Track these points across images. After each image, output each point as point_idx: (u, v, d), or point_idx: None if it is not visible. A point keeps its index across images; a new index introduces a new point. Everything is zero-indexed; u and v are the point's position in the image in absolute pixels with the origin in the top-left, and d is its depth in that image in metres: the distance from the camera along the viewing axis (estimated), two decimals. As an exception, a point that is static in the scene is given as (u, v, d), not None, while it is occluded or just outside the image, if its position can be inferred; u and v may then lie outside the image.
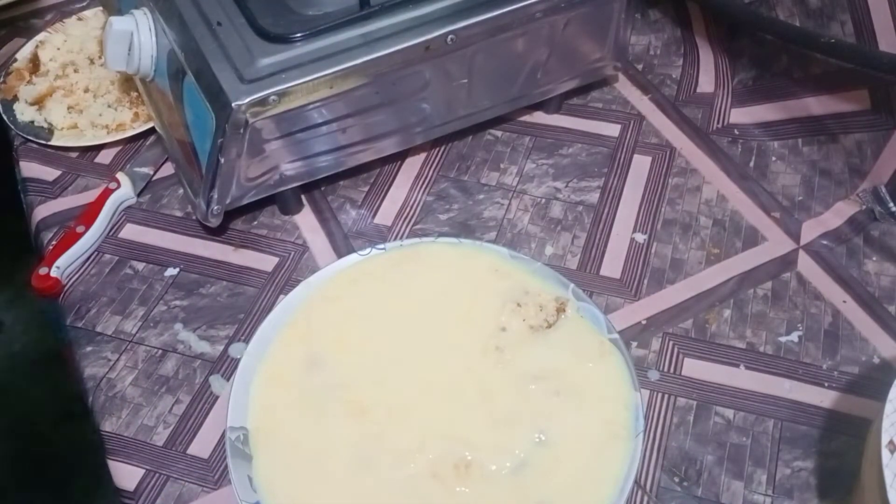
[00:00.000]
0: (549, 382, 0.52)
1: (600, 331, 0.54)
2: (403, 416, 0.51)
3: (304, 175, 0.65)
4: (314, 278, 0.57)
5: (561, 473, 0.48)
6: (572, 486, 0.47)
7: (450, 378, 0.52)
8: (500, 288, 0.56)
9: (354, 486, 0.48)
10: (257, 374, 0.53)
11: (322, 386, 0.52)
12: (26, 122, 0.75)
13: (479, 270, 0.58)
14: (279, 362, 0.54)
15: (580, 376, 0.52)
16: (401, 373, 0.53)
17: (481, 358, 0.53)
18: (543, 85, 0.72)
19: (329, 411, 0.51)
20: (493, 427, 0.50)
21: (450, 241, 0.60)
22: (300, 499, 0.48)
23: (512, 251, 0.59)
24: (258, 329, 0.54)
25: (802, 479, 0.53)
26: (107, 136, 0.74)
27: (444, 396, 0.51)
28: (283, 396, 0.52)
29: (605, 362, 0.53)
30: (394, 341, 0.55)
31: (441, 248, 0.59)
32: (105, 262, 0.67)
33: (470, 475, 0.48)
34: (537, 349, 0.53)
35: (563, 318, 0.55)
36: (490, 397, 0.51)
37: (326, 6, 0.63)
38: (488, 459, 0.48)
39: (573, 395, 0.51)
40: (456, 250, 0.59)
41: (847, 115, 0.68)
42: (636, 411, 0.50)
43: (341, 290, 0.57)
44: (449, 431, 0.50)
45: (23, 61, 0.80)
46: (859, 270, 0.64)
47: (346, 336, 0.55)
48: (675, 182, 0.71)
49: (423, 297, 0.57)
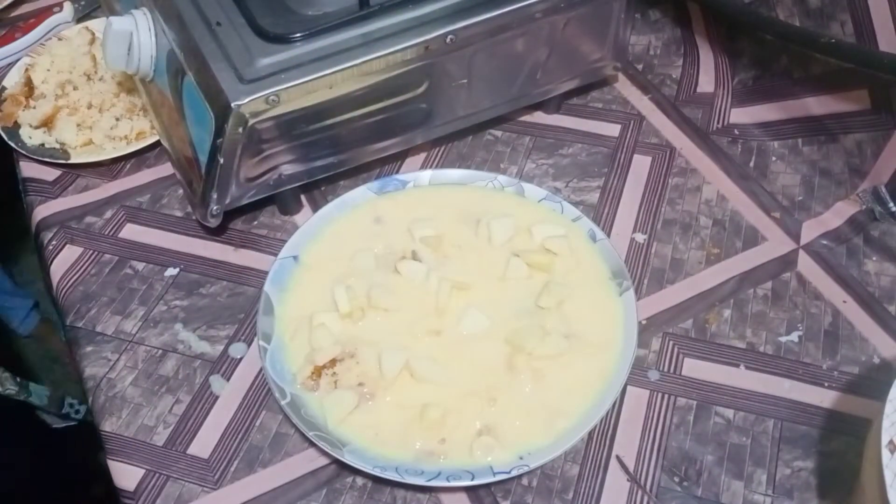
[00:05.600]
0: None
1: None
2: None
3: (304, 175, 0.65)
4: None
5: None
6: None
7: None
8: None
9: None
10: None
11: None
12: (36, 145, 0.74)
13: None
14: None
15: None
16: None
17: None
18: (543, 85, 0.72)
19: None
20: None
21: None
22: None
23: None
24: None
25: (802, 479, 0.53)
26: (128, 146, 0.73)
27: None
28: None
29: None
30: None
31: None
32: (105, 262, 0.67)
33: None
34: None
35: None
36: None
37: (326, 6, 0.63)
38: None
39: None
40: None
41: (847, 115, 0.68)
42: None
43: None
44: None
45: (15, 87, 0.79)
46: (859, 270, 0.64)
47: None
48: (675, 182, 0.71)
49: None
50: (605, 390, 0.54)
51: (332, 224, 0.64)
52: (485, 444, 0.52)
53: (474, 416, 0.53)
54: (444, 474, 0.50)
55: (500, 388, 0.54)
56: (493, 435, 0.52)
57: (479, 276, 0.60)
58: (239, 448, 0.56)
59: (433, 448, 0.52)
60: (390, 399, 0.54)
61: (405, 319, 0.58)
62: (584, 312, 0.58)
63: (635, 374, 0.59)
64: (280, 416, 0.57)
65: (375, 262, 0.61)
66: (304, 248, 0.62)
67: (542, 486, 0.54)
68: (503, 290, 0.60)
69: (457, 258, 0.61)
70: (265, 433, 0.56)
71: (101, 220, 0.70)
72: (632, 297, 0.58)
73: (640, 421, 0.56)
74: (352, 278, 0.59)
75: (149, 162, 0.74)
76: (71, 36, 0.84)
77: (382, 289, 0.59)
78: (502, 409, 0.53)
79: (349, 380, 0.55)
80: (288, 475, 0.54)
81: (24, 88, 0.79)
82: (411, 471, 0.50)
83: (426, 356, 0.55)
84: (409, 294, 0.59)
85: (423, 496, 0.53)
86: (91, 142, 0.74)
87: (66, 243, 0.68)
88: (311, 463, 0.55)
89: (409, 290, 0.59)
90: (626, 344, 0.56)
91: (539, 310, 0.58)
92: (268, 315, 0.58)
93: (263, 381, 0.58)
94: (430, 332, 0.57)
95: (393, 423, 0.53)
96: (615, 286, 0.59)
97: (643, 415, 0.57)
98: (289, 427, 0.56)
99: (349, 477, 0.54)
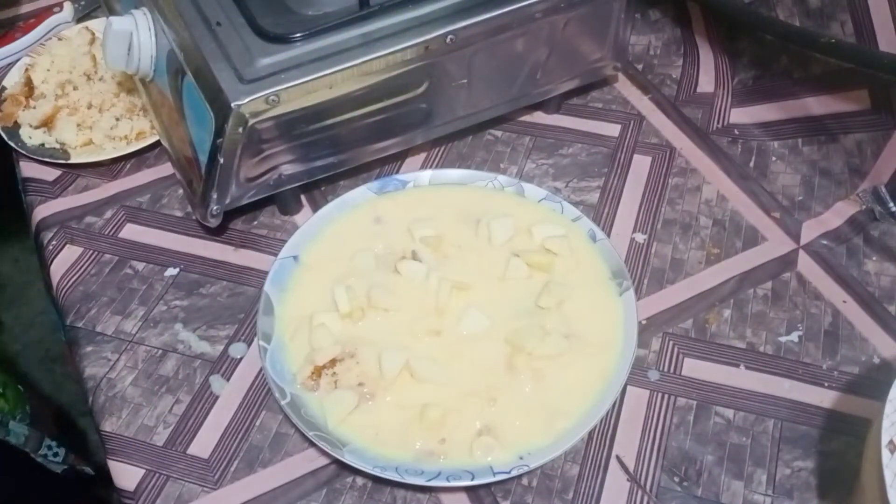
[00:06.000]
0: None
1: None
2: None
3: (304, 175, 0.65)
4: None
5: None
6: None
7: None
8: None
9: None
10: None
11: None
12: (36, 145, 0.74)
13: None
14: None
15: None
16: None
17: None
18: (543, 85, 0.72)
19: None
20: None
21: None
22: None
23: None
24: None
25: (802, 479, 0.53)
26: (128, 146, 0.73)
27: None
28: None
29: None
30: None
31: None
32: (105, 262, 0.67)
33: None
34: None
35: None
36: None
37: (326, 6, 0.63)
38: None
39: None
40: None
41: (847, 115, 0.68)
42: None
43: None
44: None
45: (15, 87, 0.79)
46: (859, 270, 0.64)
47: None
48: (675, 182, 0.71)
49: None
50: (605, 390, 0.54)
51: (332, 224, 0.64)
52: (485, 444, 0.52)
53: (474, 416, 0.53)
54: (444, 474, 0.50)
55: (500, 388, 0.54)
56: (493, 435, 0.52)
57: (479, 276, 0.60)
58: (239, 448, 0.56)
59: (433, 448, 0.52)
60: (390, 399, 0.54)
61: (405, 319, 0.58)
62: (584, 312, 0.58)
63: (635, 374, 0.59)
64: (280, 416, 0.57)
65: (375, 262, 0.61)
66: (304, 248, 0.62)
67: (542, 486, 0.54)
68: (503, 290, 0.60)
69: (457, 258, 0.61)
70: (265, 433, 0.56)
71: (101, 220, 0.70)
72: (632, 297, 0.58)
73: (640, 421, 0.56)
74: (352, 278, 0.60)
75: (149, 162, 0.74)
76: (71, 36, 0.84)
77: (382, 289, 0.59)
78: (502, 409, 0.53)
79: (349, 380, 0.55)
80: (288, 475, 0.54)
81: (24, 88, 0.79)
82: (411, 471, 0.50)
83: (426, 356, 0.55)
84: (409, 294, 0.59)
85: (423, 496, 0.53)
86: (91, 142, 0.74)
87: (66, 243, 0.68)
88: (311, 463, 0.55)
89: (409, 290, 0.59)
90: (626, 344, 0.56)
91: (539, 310, 0.58)
92: (268, 315, 0.58)
93: (263, 381, 0.59)
94: (430, 332, 0.57)
95: (393, 423, 0.53)
96: (615, 286, 0.59)
97: (643, 415, 0.57)
98: (289, 427, 0.56)
99: (349, 477, 0.54)
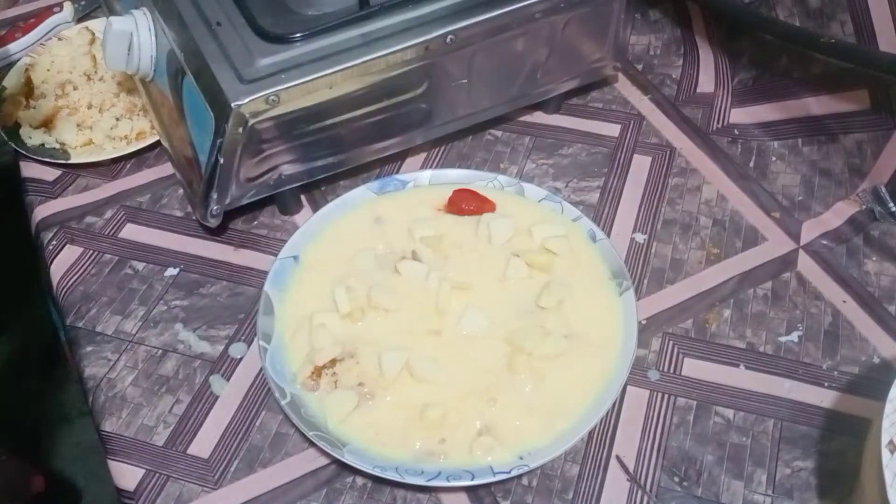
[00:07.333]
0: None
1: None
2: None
3: (304, 175, 0.65)
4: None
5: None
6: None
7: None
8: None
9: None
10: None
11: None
12: (36, 145, 0.74)
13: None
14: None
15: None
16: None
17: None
18: (543, 85, 0.72)
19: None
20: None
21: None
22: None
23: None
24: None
25: (802, 479, 0.53)
26: (128, 146, 0.73)
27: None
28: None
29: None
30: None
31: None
32: (105, 262, 0.67)
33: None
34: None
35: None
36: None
37: (326, 6, 0.63)
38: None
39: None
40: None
41: (847, 115, 0.68)
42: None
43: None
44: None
45: (15, 87, 0.79)
46: (859, 270, 0.64)
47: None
48: (675, 182, 0.71)
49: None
50: (605, 390, 0.54)
51: (332, 224, 0.64)
52: (485, 444, 0.52)
53: (474, 416, 0.53)
54: (444, 474, 0.50)
55: (500, 388, 0.54)
56: (493, 435, 0.52)
57: (479, 276, 0.60)
58: (239, 448, 0.56)
59: (433, 448, 0.52)
60: (390, 399, 0.54)
61: (405, 319, 0.58)
62: (584, 312, 0.58)
63: (635, 374, 0.59)
64: (280, 416, 0.57)
65: (375, 262, 0.61)
66: (304, 248, 0.62)
67: (542, 486, 0.54)
68: (503, 290, 0.60)
69: (457, 258, 0.61)
70: (265, 433, 0.56)
71: (101, 220, 0.70)
72: (632, 297, 0.58)
73: (640, 421, 0.56)
74: (352, 278, 0.59)
75: (149, 162, 0.74)
76: (71, 36, 0.84)
77: (382, 289, 0.59)
78: (502, 409, 0.53)
79: (349, 380, 0.55)
80: (288, 475, 0.54)
81: (24, 88, 0.79)
82: (411, 471, 0.50)
83: (426, 356, 0.55)
84: (409, 294, 0.59)
85: (423, 496, 0.53)
86: (91, 142, 0.74)
87: (66, 243, 0.68)
88: (311, 463, 0.55)
89: (409, 290, 0.59)
90: (626, 344, 0.56)
91: (539, 310, 0.58)
92: (268, 315, 0.58)
93: (263, 381, 0.58)
94: (430, 332, 0.57)
95: (393, 423, 0.53)
96: (615, 286, 0.59)
97: (643, 415, 0.57)
98: (289, 427, 0.56)
99: (349, 477, 0.54)
